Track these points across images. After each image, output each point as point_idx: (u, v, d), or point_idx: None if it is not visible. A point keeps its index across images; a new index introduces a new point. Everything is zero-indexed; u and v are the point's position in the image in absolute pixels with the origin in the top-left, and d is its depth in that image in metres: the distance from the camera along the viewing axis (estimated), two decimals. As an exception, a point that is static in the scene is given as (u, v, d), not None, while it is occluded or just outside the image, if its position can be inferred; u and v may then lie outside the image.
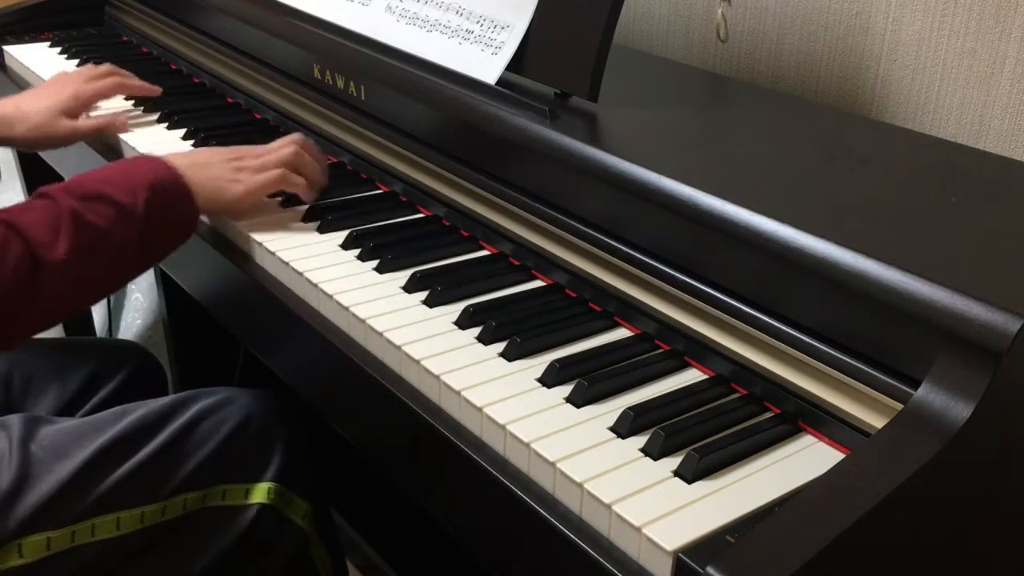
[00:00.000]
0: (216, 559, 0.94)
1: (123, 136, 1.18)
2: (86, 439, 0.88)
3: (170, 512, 0.90)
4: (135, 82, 1.25)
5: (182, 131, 1.20)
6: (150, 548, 0.90)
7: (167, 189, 0.89)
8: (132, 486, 0.88)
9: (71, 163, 1.35)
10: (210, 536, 0.93)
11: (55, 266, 0.80)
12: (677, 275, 0.76)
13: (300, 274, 0.88)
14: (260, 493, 0.95)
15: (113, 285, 0.89)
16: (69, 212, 0.81)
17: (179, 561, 0.93)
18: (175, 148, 1.16)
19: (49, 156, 1.44)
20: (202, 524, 0.93)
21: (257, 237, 0.94)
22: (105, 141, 1.23)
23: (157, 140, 1.18)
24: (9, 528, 0.82)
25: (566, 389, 0.72)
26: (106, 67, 1.25)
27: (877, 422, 0.64)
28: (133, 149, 1.15)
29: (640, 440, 0.66)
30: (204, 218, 0.99)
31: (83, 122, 1.18)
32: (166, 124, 1.23)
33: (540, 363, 0.75)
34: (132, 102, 1.30)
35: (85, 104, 1.20)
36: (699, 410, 0.70)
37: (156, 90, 1.27)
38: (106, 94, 1.22)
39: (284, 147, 0.99)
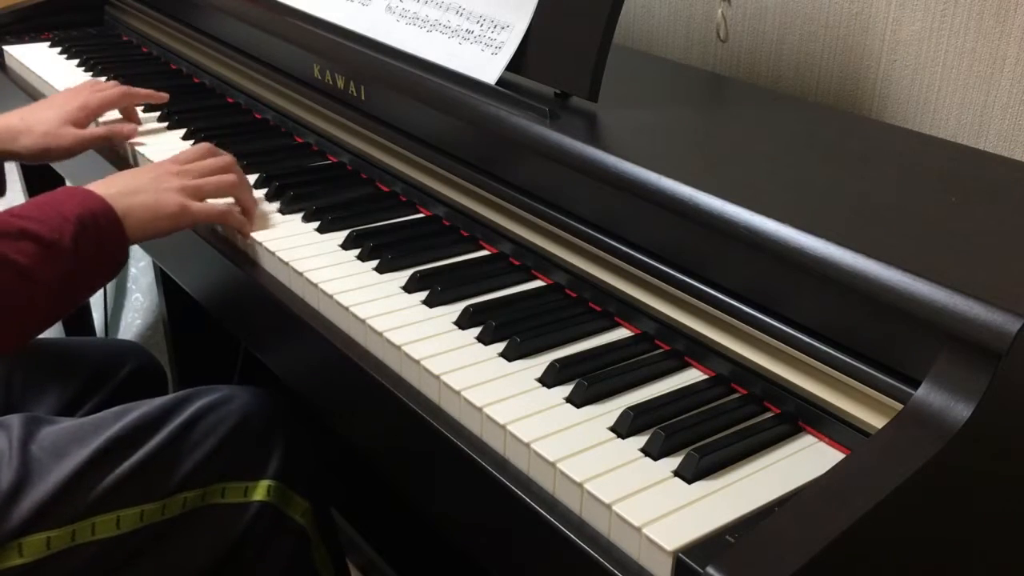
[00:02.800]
0: (216, 557, 0.94)
1: (123, 136, 1.18)
2: (86, 438, 0.88)
3: (170, 510, 0.91)
4: (141, 90, 1.23)
5: (182, 131, 1.20)
6: (150, 547, 0.90)
7: (97, 219, 0.85)
8: (132, 485, 0.88)
9: (73, 165, 1.35)
10: (210, 534, 0.93)
11: None
12: (677, 275, 0.76)
13: (300, 274, 0.88)
14: (260, 491, 0.95)
15: (44, 322, 0.85)
16: None
17: (179, 559, 0.93)
18: (175, 148, 1.16)
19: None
20: (202, 522, 0.93)
21: (257, 237, 0.94)
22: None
23: (156, 140, 1.18)
24: (9, 528, 0.82)
25: (566, 389, 0.72)
26: (112, 83, 1.23)
27: (877, 422, 0.64)
28: (133, 149, 1.15)
29: (640, 440, 0.66)
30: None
31: (89, 131, 1.17)
32: (167, 124, 1.23)
33: (540, 363, 0.75)
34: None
35: (92, 114, 1.17)
36: (699, 410, 0.70)
37: (163, 96, 1.25)
38: (114, 104, 1.20)
39: (224, 174, 0.97)
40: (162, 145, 1.16)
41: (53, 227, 0.82)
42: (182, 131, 1.20)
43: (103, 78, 1.38)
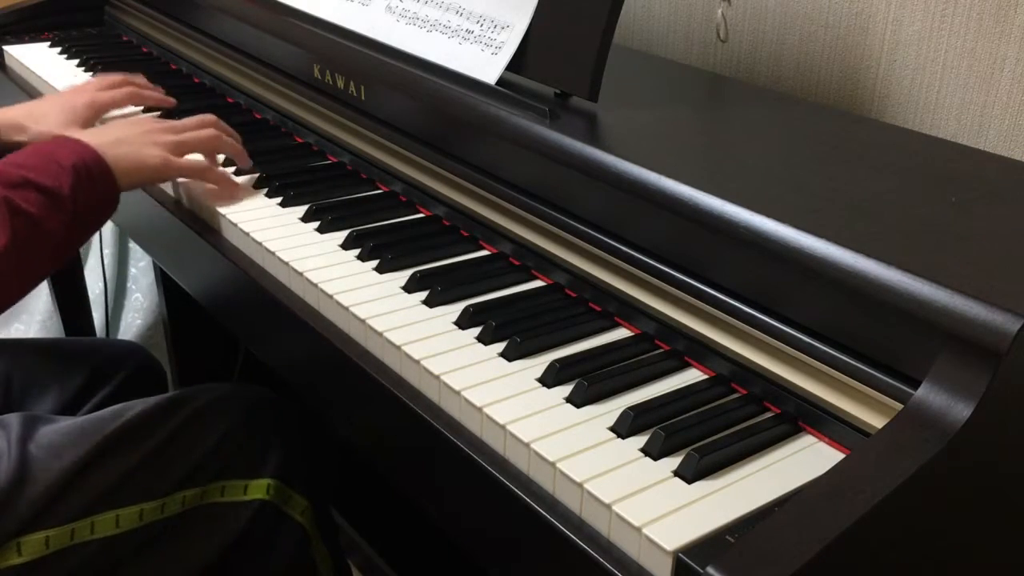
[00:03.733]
0: (216, 556, 0.94)
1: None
2: (84, 437, 0.88)
3: (169, 509, 0.91)
4: (150, 92, 1.23)
5: (182, 131, 1.20)
6: (150, 545, 0.90)
7: (90, 169, 0.88)
8: (131, 483, 0.88)
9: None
10: (210, 533, 0.94)
11: None
12: (677, 275, 0.76)
13: (300, 274, 0.88)
14: (259, 489, 0.95)
15: (47, 270, 0.89)
16: (3, 201, 0.81)
17: (179, 558, 0.93)
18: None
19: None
20: (201, 521, 0.93)
21: (257, 237, 0.94)
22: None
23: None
24: (8, 527, 0.82)
25: (566, 389, 0.72)
26: (120, 77, 1.22)
27: (877, 422, 0.64)
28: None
29: (640, 440, 0.66)
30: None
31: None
32: (166, 124, 1.22)
33: (540, 363, 0.75)
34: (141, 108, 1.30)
35: (99, 112, 1.17)
36: (699, 410, 0.70)
37: (171, 101, 1.24)
38: (121, 103, 1.19)
39: (202, 129, 1.01)
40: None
41: (52, 176, 0.84)
42: (182, 131, 1.20)
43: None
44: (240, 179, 1.06)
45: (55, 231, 0.84)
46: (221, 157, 1.07)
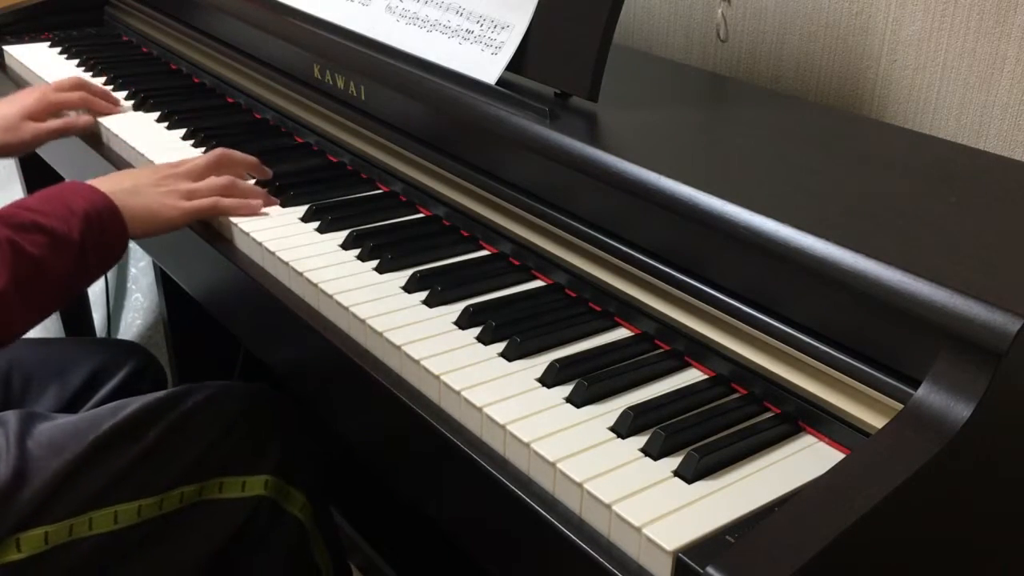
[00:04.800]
0: (214, 551, 0.94)
1: (120, 133, 1.18)
2: (83, 434, 0.89)
3: (167, 505, 0.91)
4: (100, 101, 1.25)
5: (182, 131, 1.20)
6: (148, 541, 0.90)
7: (102, 216, 0.88)
8: (129, 480, 0.88)
9: (69, 161, 1.35)
10: (208, 529, 0.94)
11: None
12: (677, 275, 0.76)
13: (300, 274, 0.88)
14: (257, 485, 0.95)
15: (50, 310, 0.88)
16: (7, 242, 0.81)
17: (177, 554, 0.93)
18: (175, 148, 1.16)
19: (50, 156, 1.44)
20: (200, 517, 0.93)
21: (257, 237, 0.94)
22: (93, 134, 1.23)
23: (156, 140, 1.18)
24: (7, 523, 0.83)
25: (566, 389, 0.72)
26: (74, 79, 1.26)
27: (877, 422, 0.64)
28: (133, 149, 1.15)
29: (640, 440, 0.66)
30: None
31: (46, 124, 1.19)
32: (166, 124, 1.23)
33: (540, 363, 0.75)
34: (132, 102, 1.30)
35: (49, 108, 1.21)
36: (699, 410, 0.70)
37: (117, 109, 1.27)
38: (72, 104, 1.23)
39: (212, 174, 1.00)
40: (162, 145, 1.16)
41: (62, 221, 0.85)
42: (182, 131, 1.20)
43: (101, 79, 1.38)
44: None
45: (60, 274, 0.84)
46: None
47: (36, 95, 1.21)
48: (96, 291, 2.00)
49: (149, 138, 1.18)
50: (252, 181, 1.05)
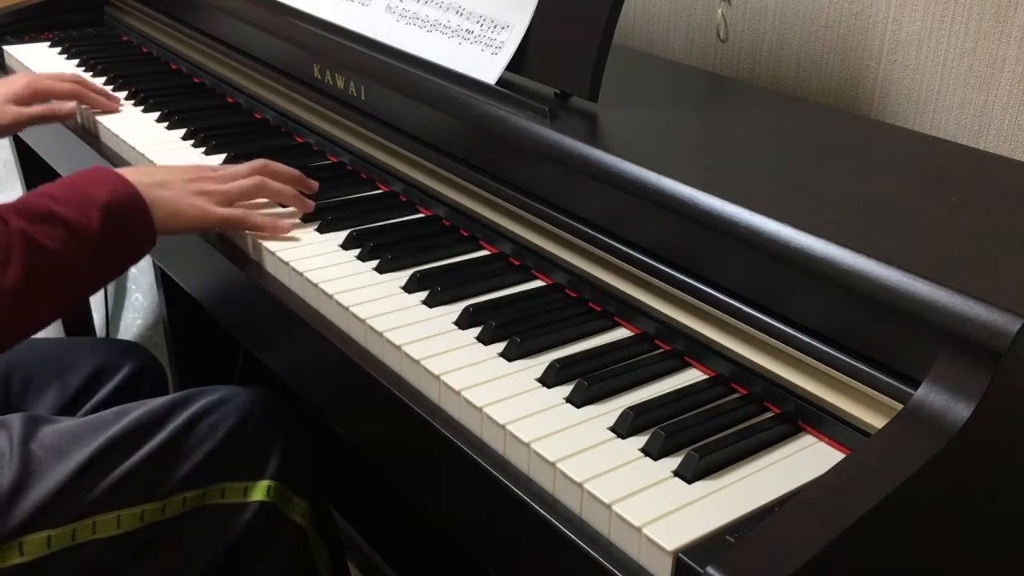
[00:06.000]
0: (216, 557, 0.94)
1: (120, 133, 1.18)
2: (86, 438, 0.88)
3: (170, 510, 0.91)
4: (92, 95, 1.25)
5: (182, 131, 1.20)
6: (150, 546, 0.90)
7: (124, 206, 0.85)
8: (132, 484, 0.88)
9: (69, 161, 1.35)
10: (210, 534, 0.94)
11: (4, 292, 0.77)
12: (677, 275, 0.76)
13: (300, 274, 0.88)
14: (259, 491, 0.95)
15: (66, 306, 0.85)
16: (20, 235, 0.78)
17: (179, 559, 0.93)
18: (175, 148, 1.16)
19: (50, 156, 1.44)
20: (202, 522, 0.93)
21: (258, 237, 0.94)
22: (93, 134, 1.23)
23: (156, 140, 1.18)
24: (10, 527, 0.82)
25: (566, 389, 0.72)
26: (71, 75, 1.27)
27: (877, 422, 0.64)
28: (133, 149, 1.15)
29: (640, 440, 0.66)
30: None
31: (30, 108, 1.20)
32: (166, 124, 1.23)
33: (540, 363, 0.75)
34: (132, 101, 1.30)
35: (36, 94, 1.21)
36: (699, 410, 0.70)
37: (115, 106, 1.27)
38: (60, 92, 1.23)
39: (247, 178, 0.96)
40: (162, 145, 1.16)
41: (81, 211, 0.82)
42: (182, 131, 1.20)
43: (101, 79, 1.38)
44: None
45: (78, 268, 0.82)
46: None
47: (25, 80, 1.21)
48: (96, 291, 2.00)
49: (149, 138, 1.18)
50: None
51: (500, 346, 0.77)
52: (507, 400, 0.70)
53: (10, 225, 0.79)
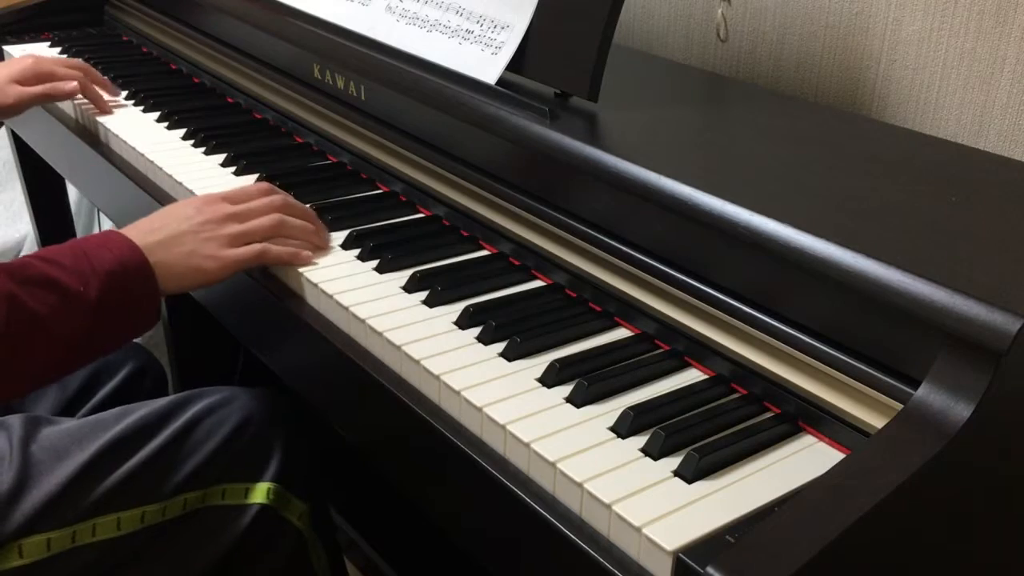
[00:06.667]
0: (215, 559, 0.94)
1: (120, 133, 1.18)
2: (86, 440, 0.88)
3: (170, 512, 0.90)
4: (94, 87, 1.26)
5: (182, 131, 1.20)
6: (150, 548, 0.90)
7: (128, 275, 0.82)
8: (132, 486, 0.88)
9: (69, 161, 1.35)
10: (210, 536, 0.93)
11: None
12: (677, 275, 0.76)
13: (300, 274, 0.88)
14: (260, 493, 0.94)
15: (54, 372, 0.82)
16: (5, 296, 0.75)
17: (179, 560, 0.93)
18: (175, 148, 1.16)
19: (50, 156, 1.44)
20: (202, 524, 0.93)
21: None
22: (93, 134, 1.23)
23: (156, 140, 1.18)
24: (9, 529, 0.82)
25: (566, 389, 0.72)
26: (77, 60, 1.28)
27: (877, 422, 0.64)
28: (133, 149, 1.15)
29: (640, 440, 0.66)
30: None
31: (32, 88, 1.21)
32: (166, 124, 1.23)
33: (540, 363, 0.75)
34: (132, 101, 1.30)
35: (39, 76, 1.22)
36: (699, 410, 0.70)
37: (112, 96, 1.28)
38: (61, 76, 1.24)
39: (265, 214, 0.91)
40: (162, 145, 1.16)
41: (81, 279, 0.79)
42: (182, 131, 1.20)
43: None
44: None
45: (69, 335, 0.78)
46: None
47: (28, 61, 1.22)
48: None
49: (149, 138, 1.18)
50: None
51: (500, 346, 0.77)
52: (507, 400, 0.70)
53: None
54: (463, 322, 0.80)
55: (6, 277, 0.76)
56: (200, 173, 1.09)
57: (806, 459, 0.66)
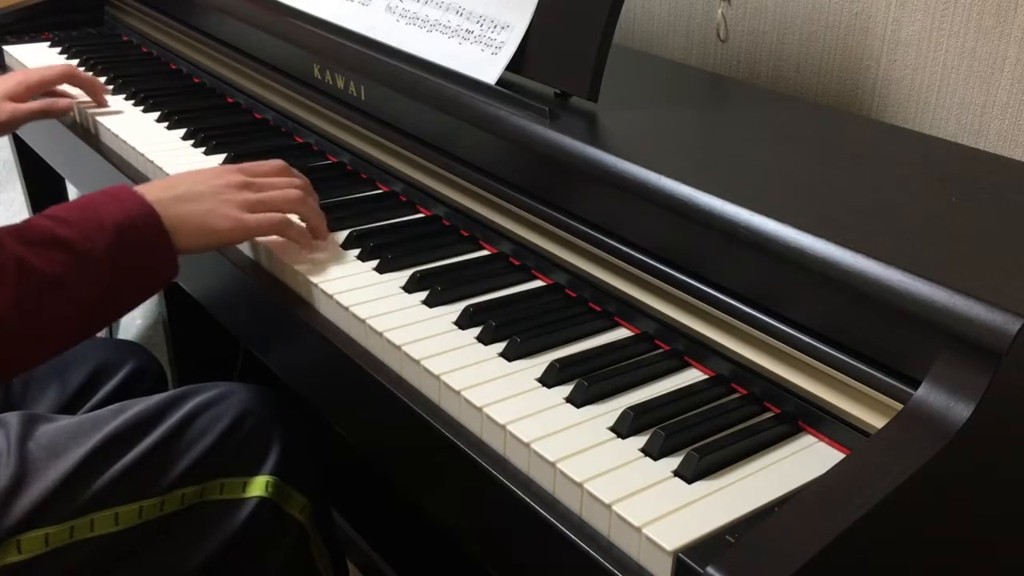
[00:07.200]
0: (215, 553, 0.94)
1: (120, 133, 1.18)
2: (83, 436, 0.88)
3: (168, 506, 0.90)
4: (87, 76, 1.27)
5: (182, 131, 1.20)
6: (149, 543, 0.90)
7: (139, 230, 0.79)
8: (130, 481, 0.88)
9: (68, 161, 1.35)
10: (208, 530, 0.93)
11: None
12: (677, 275, 0.76)
13: (300, 274, 0.88)
14: (258, 487, 0.94)
15: (74, 336, 0.80)
16: (14, 260, 0.73)
17: (178, 555, 0.93)
18: (175, 148, 1.16)
19: (49, 156, 1.44)
20: (200, 518, 0.93)
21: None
22: (93, 134, 1.23)
23: (156, 140, 1.18)
24: (7, 524, 0.82)
25: (566, 389, 0.72)
26: (62, 66, 1.28)
27: (877, 422, 0.64)
28: (133, 149, 1.15)
29: (640, 440, 0.66)
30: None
31: (26, 105, 1.21)
32: (166, 124, 1.23)
33: (540, 363, 0.75)
34: (132, 101, 1.30)
35: (30, 89, 1.22)
36: (699, 410, 0.70)
37: (105, 102, 1.28)
38: (51, 81, 1.24)
39: (291, 188, 0.91)
40: (162, 145, 1.16)
41: (87, 235, 0.77)
42: (182, 131, 1.20)
43: (101, 79, 1.38)
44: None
45: (84, 295, 0.76)
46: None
47: (18, 76, 1.22)
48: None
49: (149, 138, 1.18)
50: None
51: (500, 346, 0.77)
52: (507, 400, 0.70)
53: (5, 249, 0.74)
54: (463, 322, 0.80)
55: (12, 239, 0.75)
56: (200, 173, 1.08)
57: (806, 459, 0.66)
